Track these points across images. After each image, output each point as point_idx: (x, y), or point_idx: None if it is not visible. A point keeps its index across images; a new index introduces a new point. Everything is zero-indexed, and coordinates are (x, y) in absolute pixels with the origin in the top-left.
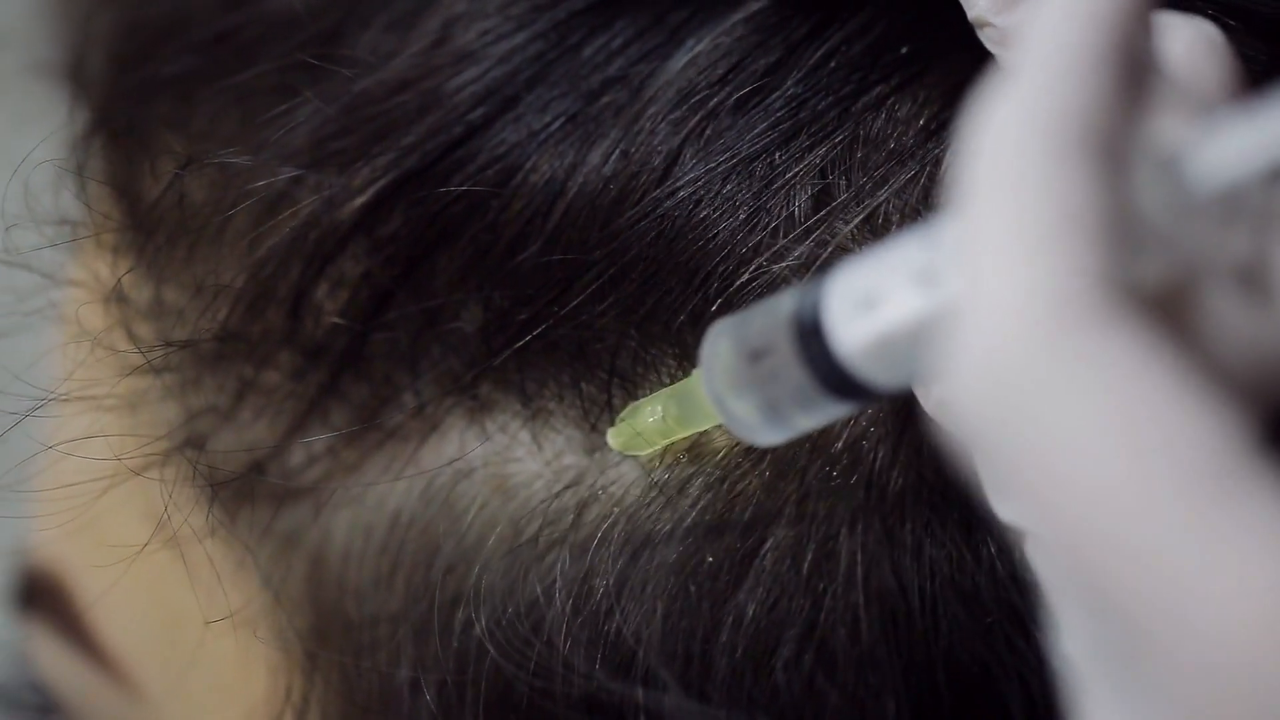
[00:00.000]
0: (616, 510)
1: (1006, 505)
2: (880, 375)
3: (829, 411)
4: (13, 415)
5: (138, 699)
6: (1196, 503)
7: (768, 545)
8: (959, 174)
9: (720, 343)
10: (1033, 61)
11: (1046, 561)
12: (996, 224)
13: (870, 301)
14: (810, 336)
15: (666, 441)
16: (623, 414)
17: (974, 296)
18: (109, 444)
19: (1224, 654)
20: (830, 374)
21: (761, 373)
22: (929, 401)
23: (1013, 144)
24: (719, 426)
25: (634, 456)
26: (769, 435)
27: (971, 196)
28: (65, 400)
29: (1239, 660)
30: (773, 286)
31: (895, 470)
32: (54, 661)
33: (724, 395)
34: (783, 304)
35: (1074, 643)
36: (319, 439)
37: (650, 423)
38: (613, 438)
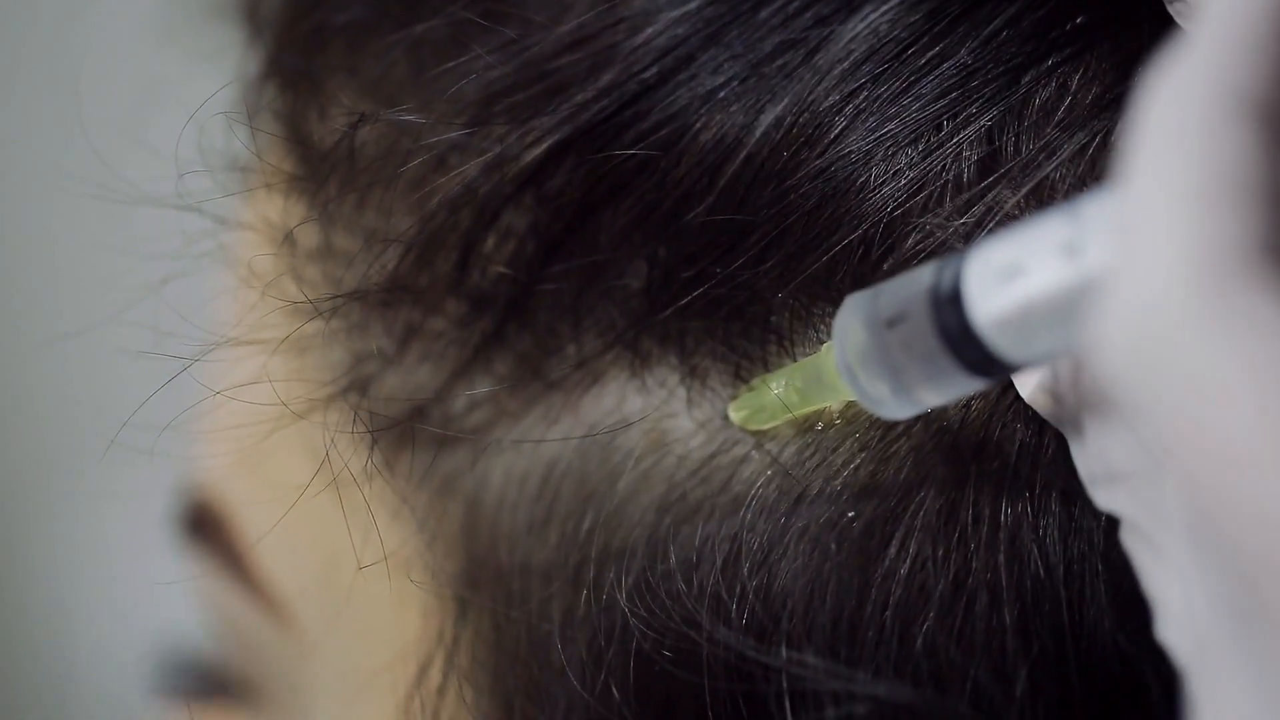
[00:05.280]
0: (770, 470)
1: (1103, 491)
2: (1011, 349)
3: (956, 386)
4: (181, 359)
5: (293, 634)
6: None
7: (917, 506)
8: (1126, 137)
9: (854, 314)
10: (1206, 33)
11: (1165, 526)
12: (1156, 185)
13: (1012, 272)
14: (947, 305)
15: (788, 417)
16: (749, 385)
17: (1130, 253)
18: (275, 387)
19: None
20: (962, 344)
21: (894, 340)
22: (1025, 389)
23: (1179, 110)
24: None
25: (756, 432)
26: (896, 409)
27: (1135, 159)
28: (233, 343)
29: None
30: (936, 250)
31: (1045, 441)
32: (214, 591)
33: (854, 365)
34: (922, 275)
35: (1192, 619)
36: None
37: (773, 396)
38: (734, 411)
